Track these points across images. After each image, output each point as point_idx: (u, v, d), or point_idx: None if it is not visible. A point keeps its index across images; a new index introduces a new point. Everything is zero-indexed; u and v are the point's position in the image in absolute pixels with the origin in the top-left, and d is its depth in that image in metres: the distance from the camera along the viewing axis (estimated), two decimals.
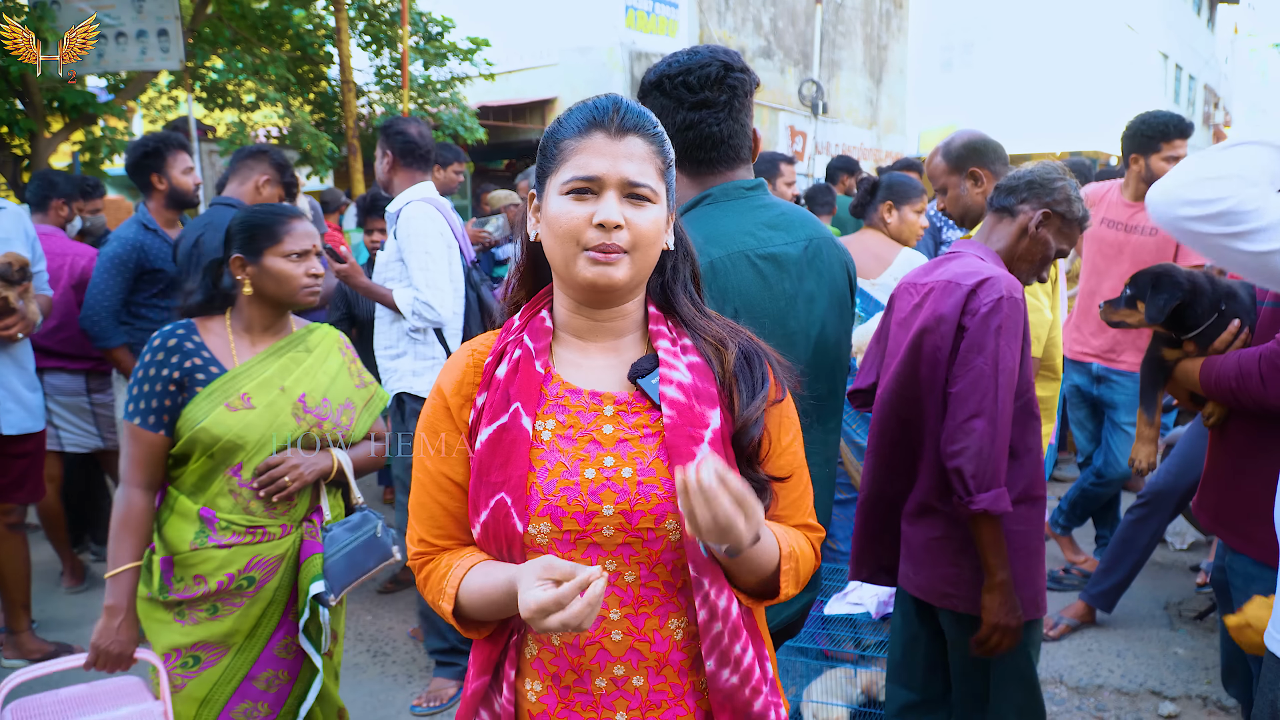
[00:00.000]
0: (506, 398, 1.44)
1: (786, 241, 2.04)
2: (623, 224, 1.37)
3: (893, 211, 4.10)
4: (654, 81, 2.05)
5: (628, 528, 1.39)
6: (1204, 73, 32.43)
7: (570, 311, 1.49)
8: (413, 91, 11.80)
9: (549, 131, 1.48)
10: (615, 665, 1.42)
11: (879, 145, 19.88)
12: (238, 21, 11.13)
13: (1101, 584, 4.32)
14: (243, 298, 2.53)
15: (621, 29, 13.23)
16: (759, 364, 1.49)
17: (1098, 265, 4.70)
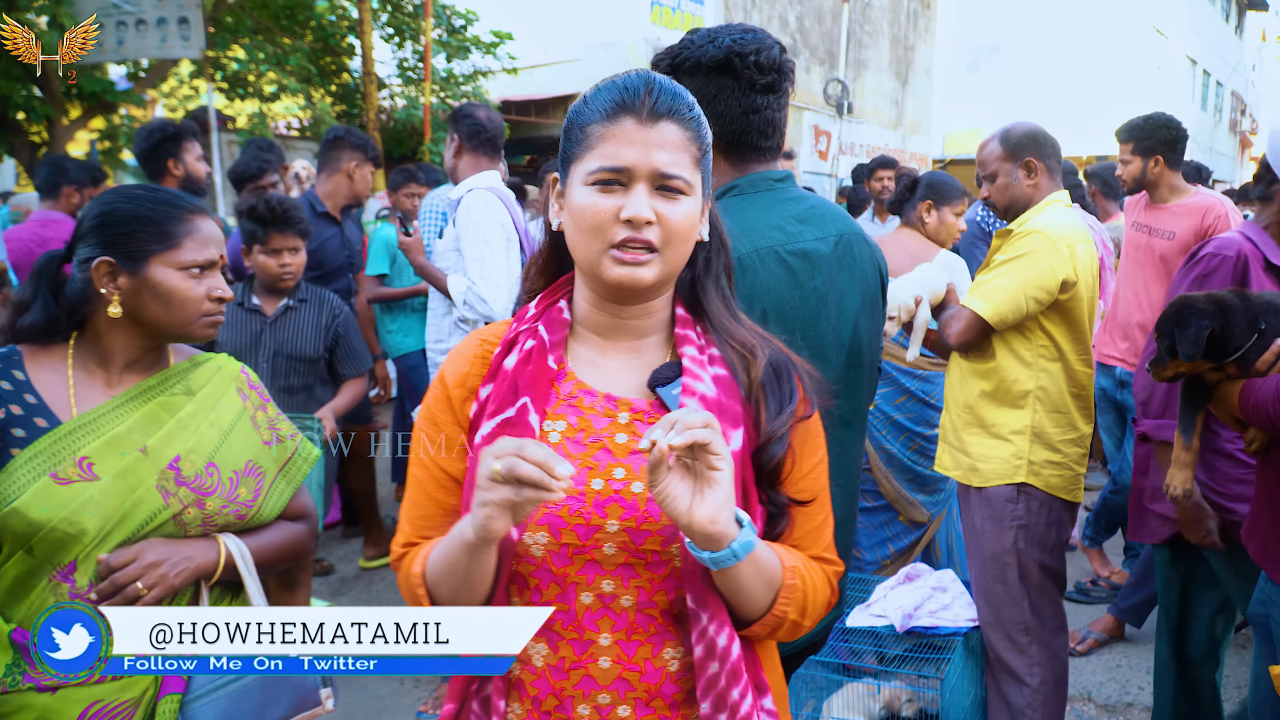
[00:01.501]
0: (514, 390, 1.32)
1: (817, 237, 1.90)
2: (653, 219, 1.26)
3: (932, 211, 3.97)
4: (720, 61, 1.86)
5: (631, 547, 1.28)
6: (1231, 79, 32.09)
7: (591, 306, 1.38)
8: (435, 84, 11.72)
9: (573, 112, 1.35)
10: (600, 694, 1.29)
11: (904, 146, 19.71)
12: (260, 11, 11.10)
13: (1131, 598, 4.19)
14: (102, 319, 1.78)
15: (646, 24, 13.13)
16: (788, 377, 1.37)
17: (1126, 269, 4.63)
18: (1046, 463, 3.01)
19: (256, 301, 3.82)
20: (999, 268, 2.94)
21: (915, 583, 3.50)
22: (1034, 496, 3.02)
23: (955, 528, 4.09)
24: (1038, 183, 3.08)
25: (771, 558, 1.29)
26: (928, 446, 3.88)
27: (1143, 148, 4.37)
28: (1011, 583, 3.06)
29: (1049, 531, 3.06)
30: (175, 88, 13.83)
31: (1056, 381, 3.01)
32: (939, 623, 3.27)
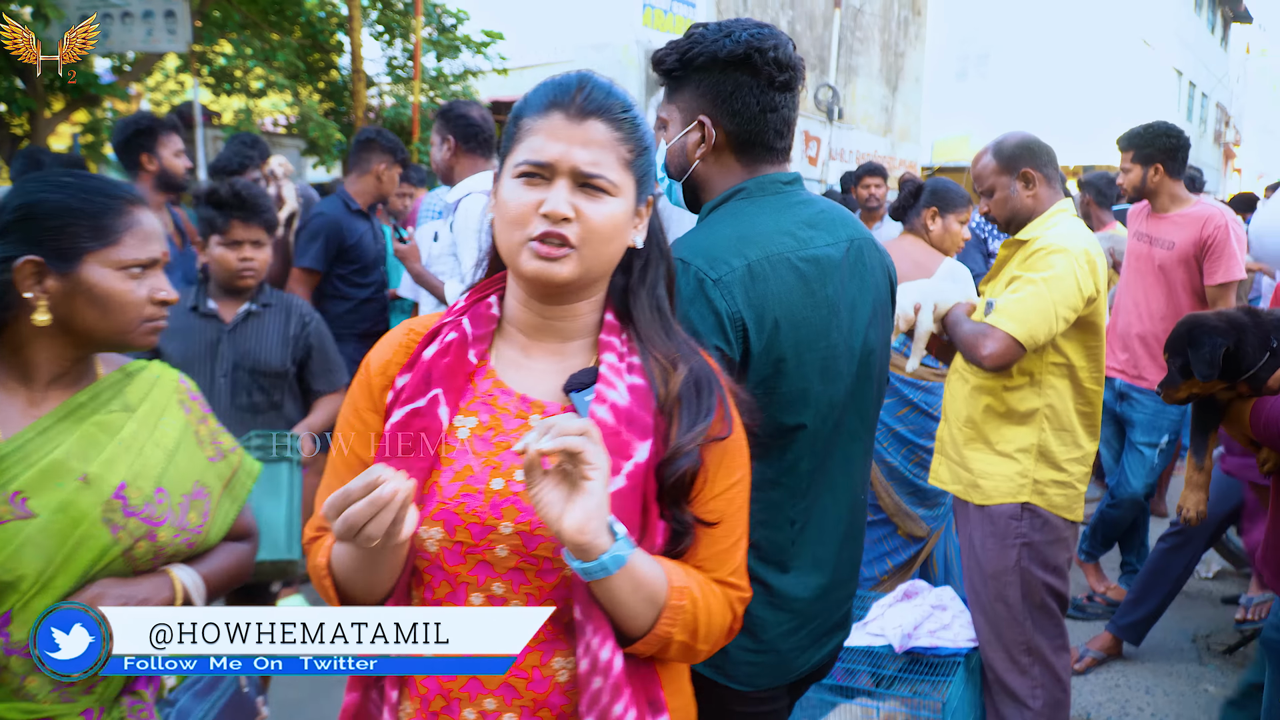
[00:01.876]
0: (428, 381, 1.33)
1: (828, 243, 1.82)
2: (571, 216, 1.26)
3: (936, 219, 3.90)
4: (740, 56, 1.77)
5: (523, 551, 1.27)
6: (1216, 91, 32.25)
7: (519, 304, 1.38)
8: (424, 83, 11.60)
9: (516, 107, 1.37)
10: (486, 698, 1.28)
11: (893, 153, 19.67)
12: (248, 5, 10.93)
13: (1130, 615, 4.13)
14: (25, 328, 1.56)
15: (638, 27, 13.02)
16: (708, 393, 1.34)
17: (1127, 279, 4.60)
18: (1051, 482, 2.95)
19: (213, 305, 3.26)
20: (1025, 286, 2.84)
21: (914, 600, 3.42)
22: (1037, 515, 2.96)
23: (954, 542, 4.03)
24: (1037, 193, 3.02)
25: (655, 576, 1.27)
26: (929, 459, 3.80)
27: (1143, 156, 4.33)
28: (1013, 602, 2.99)
29: (1052, 550, 2.99)
30: (161, 82, 13.64)
31: (1065, 399, 2.95)
32: (939, 643, 3.19)
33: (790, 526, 1.80)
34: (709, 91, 1.82)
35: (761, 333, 1.68)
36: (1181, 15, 27.01)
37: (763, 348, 1.69)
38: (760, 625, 1.78)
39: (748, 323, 1.67)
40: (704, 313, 1.65)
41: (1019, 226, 3.05)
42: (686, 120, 1.85)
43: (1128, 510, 4.58)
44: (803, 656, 1.86)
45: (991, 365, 2.83)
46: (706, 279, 1.66)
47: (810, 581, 1.84)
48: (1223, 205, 4.51)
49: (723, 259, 1.69)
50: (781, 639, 1.82)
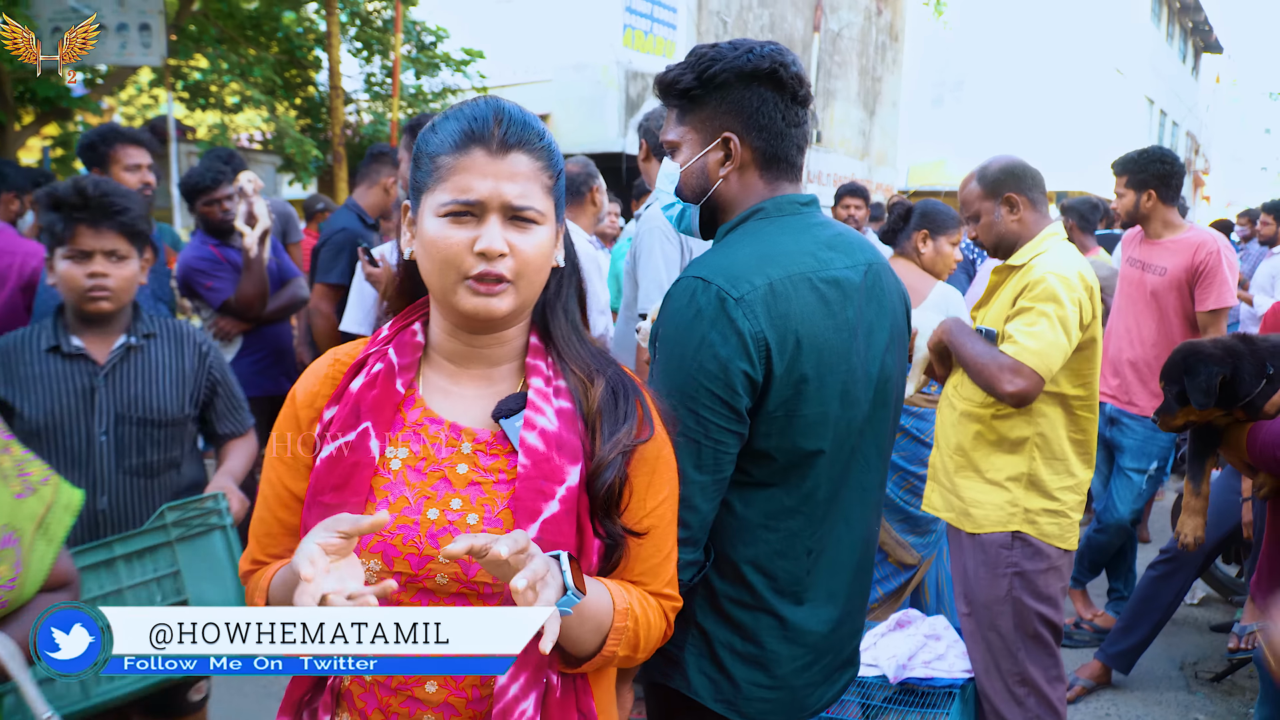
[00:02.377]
0: (357, 414, 1.32)
1: (847, 265, 1.78)
2: (506, 251, 1.26)
3: (928, 241, 3.85)
4: (766, 70, 1.75)
5: (463, 579, 1.27)
6: (1187, 120, 32.71)
7: (445, 334, 1.37)
8: (403, 101, 11.54)
9: (421, 139, 1.33)
10: (426, 715, 1.28)
11: (870, 176, 19.78)
12: (225, 20, 10.86)
13: (1119, 643, 4.08)
14: None
15: (618, 48, 13.04)
16: (625, 400, 1.36)
17: (1119, 304, 4.57)
18: (1042, 510, 2.89)
19: (78, 343, 2.49)
20: (1038, 319, 2.76)
21: (907, 630, 3.35)
22: (1029, 544, 2.90)
23: (944, 569, 3.97)
24: (1022, 217, 2.98)
25: (602, 604, 1.29)
26: (920, 486, 3.74)
27: (1136, 181, 4.31)
28: (1006, 632, 2.93)
29: (1044, 579, 2.92)
30: (134, 96, 13.51)
31: (1056, 427, 2.89)
32: (934, 673, 3.12)
33: (806, 556, 1.76)
34: (733, 108, 1.78)
35: (784, 353, 1.64)
36: (1154, 45, 27.39)
37: (785, 368, 1.65)
38: (774, 660, 1.75)
39: (770, 343, 1.63)
40: (726, 333, 1.62)
41: (1007, 252, 3.01)
42: (707, 139, 1.81)
43: (1114, 536, 4.53)
44: (815, 693, 1.82)
45: (1016, 402, 2.76)
46: (728, 298, 1.63)
47: (824, 614, 1.80)
48: (1215, 232, 4.48)
49: (744, 277, 1.65)
50: (795, 675, 1.78)
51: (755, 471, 1.71)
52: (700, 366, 1.62)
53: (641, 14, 13.37)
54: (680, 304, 1.68)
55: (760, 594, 1.74)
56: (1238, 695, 4.12)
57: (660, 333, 1.72)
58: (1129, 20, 24.65)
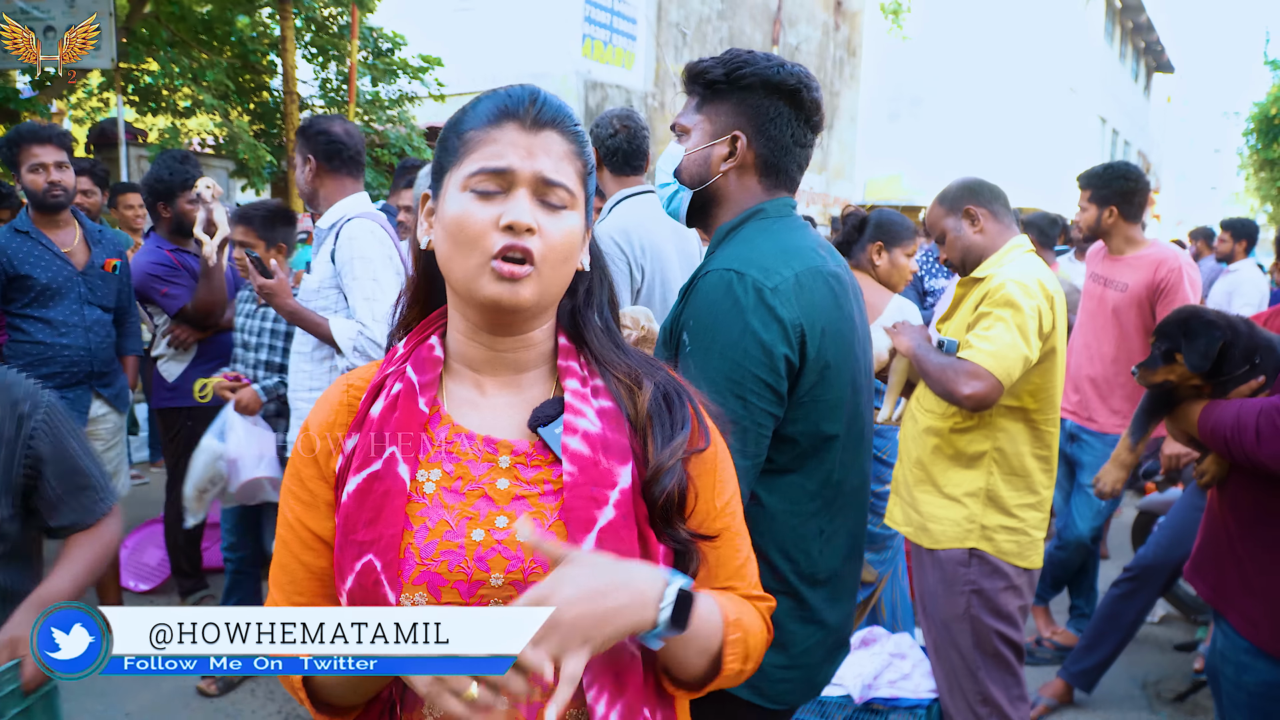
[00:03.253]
0: (380, 440, 1.22)
1: (838, 265, 1.91)
2: (535, 228, 1.17)
3: (882, 254, 3.78)
4: (791, 87, 1.87)
5: None
6: (1138, 138, 33.35)
7: (466, 338, 1.27)
8: (359, 107, 11.39)
9: (451, 123, 1.27)
10: None
11: (827, 190, 19.92)
12: (176, 24, 10.65)
13: (1082, 662, 4.05)
14: None
15: (577, 57, 13.00)
16: (679, 405, 1.28)
17: (1081, 320, 4.56)
18: (1000, 528, 2.85)
19: None
20: (995, 323, 2.76)
21: (871, 648, 3.30)
22: (986, 561, 2.86)
23: (900, 587, 3.92)
24: (984, 229, 2.97)
25: (711, 621, 1.22)
26: (877, 504, 3.69)
27: (1099, 196, 4.30)
28: (966, 650, 2.89)
29: (1003, 598, 2.88)
30: (84, 99, 13.23)
31: (1015, 442, 2.86)
32: (899, 693, 3.07)
33: (819, 537, 1.84)
34: (750, 111, 1.88)
35: (814, 340, 1.74)
36: (1107, 64, 27.89)
37: (815, 354, 1.74)
38: (792, 639, 1.81)
39: (806, 330, 1.72)
40: (767, 320, 1.70)
41: (973, 265, 2.99)
42: (717, 133, 1.91)
43: (1075, 553, 4.51)
44: (822, 671, 1.91)
45: (974, 405, 2.73)
46: (765, 288, 1.71)
47: (826, 592, 1.88)
48: (1177, 248, 4.48)
49: (774, 269, 1.73)
50: (808, 653, 1.85)
51: (778, 458, 1.78)
52: (746, 353, 1.69)
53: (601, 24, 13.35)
54: (716, 295, 1.73)
55: (787, 579, 1.80)
56: (1200, 715, 4.11)
57: (692, 325, 1.76)
58: (1083, 39, 25.08)
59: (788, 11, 18.02)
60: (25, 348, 3.92)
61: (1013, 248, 2.94)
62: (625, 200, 3.43)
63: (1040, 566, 2.97)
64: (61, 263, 3.95)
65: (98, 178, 5.69)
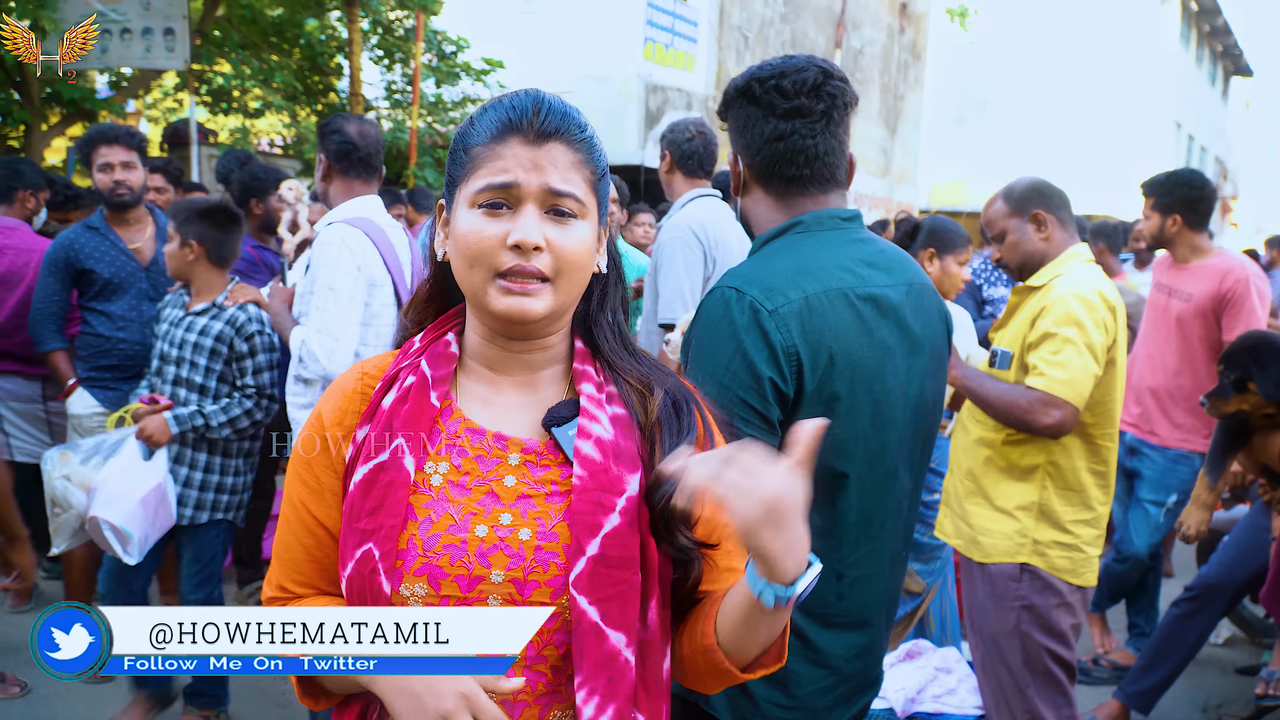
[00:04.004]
0: (389, 432, 1.24)
1: (887, 284, 1.77)
2: (543, 245, 1.18)
3: (934, 260, 3.74)
4: (741, 88, 1.81)
5: (517, 600, 1.19)
6: (1215, 144, 32.49)
7: (483, 339, 1.29)
8: (422, 109, 11.52)
9: (458, 133, 1.28)
10: None
11: (890, 195, 19.69)
12: (248, 26, 10.86)
13: (1140, 683, 3.95)
14: None
15: (639, 60, 12.99)
16: (687, 411, 1.29)
17: (1145, 330, 4.46)
18: (1053, 543, 2.79)
19: None
20: (1063, 346, 2.67)
21: (916, 661, 3.26)
22: (1038, 577, 2.79)
23: (949, 598, 3.86)
24: (1049, 235, 2.89)
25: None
26: (925, 513, 3.65)
27: (1162, 204, 4.21)
28: (1015, 667, 2.82)
29: (1055, 614, 2.81)
30: (159, 99, 13.57)
31: (1071, 457, 2.78)
32: (944, 708, 3.02)
33: (837, 581, 1.75)
34: (731, 130, 1.87)
35: (816, 369, 1.64)
36: (1182, 68, 27.21)
37: (816, 385, 1.65)
38: (795, 680, 1.74)
39: (803, 357, 1.63)
40: (758, 344, 1.62)
41: (1031, 271, 2.93)
42: (731, 156, 1.91)
43: (1133, 569, 4.41)
44: (834, 715, 1.81)
45: (1054, 434, 2.69)
46: (762, 309, 1.63)
47: (851, 639, 1.80)
48: (1245, 258, 4.36)
49: (779, 290, 1.66)
50: (815, 696, 1.77)
51: None
52: (734, 376, 1.62)
53: (663, 27, 13.34)
54: (715, 314, 1.68)
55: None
56: None
57: (694, 342, 1.73)
58: (1157, 42, 24.51)
59: (851, 14, 17.85)
60: (89, 339, 4.07)
61: (1072, 256, 2.88)
62: (696, 199, 3.63)
63: (1094, 584, 2.90)
64: (126, 258, 4.06)
65: (171, 176, 5.83)
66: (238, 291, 3.49)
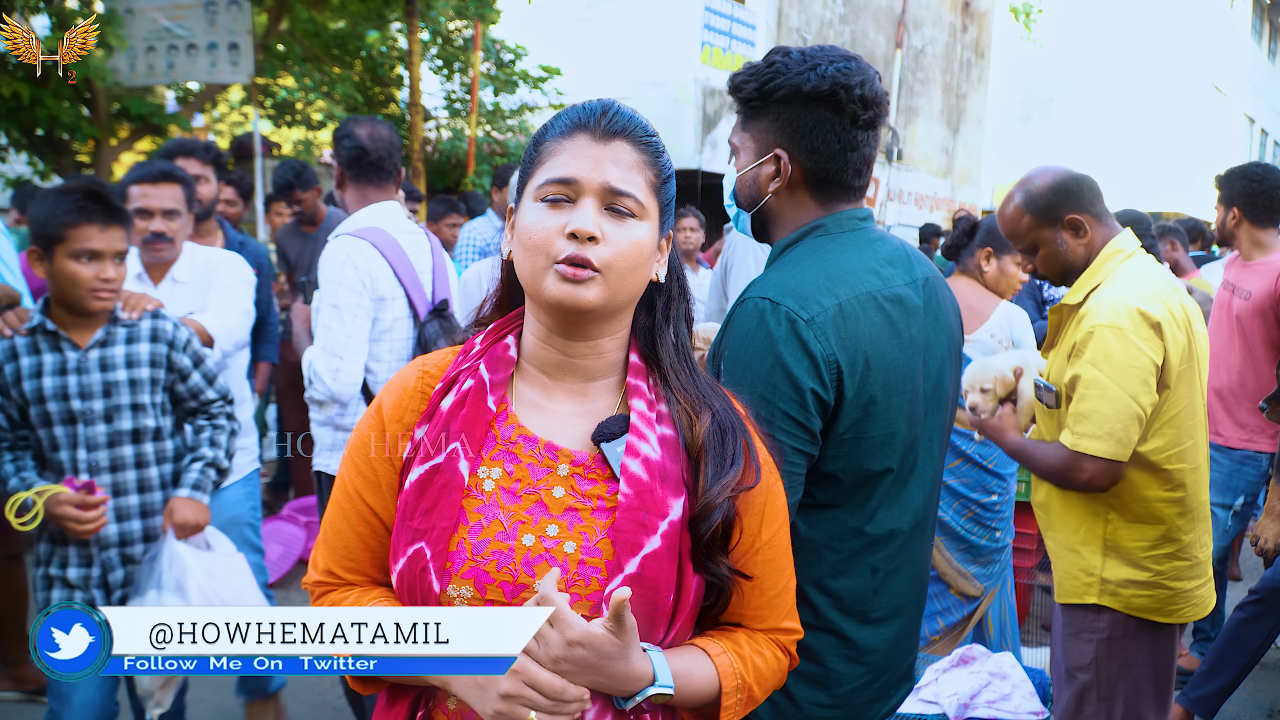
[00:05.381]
0: (446, 434, 1.27)
1: (906, 281, 1.76)
2: (598, 236, 1.20)
3: (991, 260, 3.69)
4: (825, 92, 1.70)
5: None
6: None
7: (540, 340, 1.31)
8: (481, 118, 11.66)
9: (534, 137, 1.34)
10: None
11: (953, 195, 19.44)
12: (310, 39, 11.07)
13: (1203, 688, 3.85)
14: None
15: (696, 64, 12.99)
16: (733, 440, 1.30)
17: (1211, 328, 4.33)
18: (1127, 582, 2.50)
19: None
20: (1088, 389, 2.39)
21: (971, 666, 3.20)
22: (1118, 615, 2.54)
23: (1009, 602, 3.80)
24: (1090, 238, 2.55)
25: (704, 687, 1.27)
26: (983, 515, 3.59)
27: (1225, 198, 4.13)
28: (1087, 703, 2.60)
29: (1142, 653, 2.55)
30: (225, 113, 13.90)
31: (1136, 488, 2.48)
32: (998, 714, 2.97)
33: (872, 575, 1.75)
34: (788, 126, 1.76)
35: (854, 375, 1.63)
36: (1254, 61, 26.54)
37: (855, 391, 1.64)
38: (835, 679, 1.75)
39: (842, 365, 1.62)
40: (798, 355, 1.60)
41: (1075, 277, 2.61)
42: (761, 151, 1.80)
43: None
44: (872, 709, 1.81)
45: (1099, 489, 2.44)
46: (799, 319, 1.61)
47: (886, 632, 1.80)
48: None
49: (814, 299, 1.63)
50: (855, 693, 1.77)
51: (819, 494, 1.69)
52: (775, 389, 1.60)
53: (720, 31, 13.33)
54: (749, 326, 1.65)
55: (823, 614, 1.73)
56: None
57: (726, 355, 1.69)
58: (1228, 36, 23.92)
59: (913, 13, 17.67)
60: None
61: (1111, 256, 2.55)
62: None
63: (1199, 617, 2.62)
64: None
65: (241, 189, 5.97)
66: (134, 300, 2.75)
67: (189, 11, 8.46)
